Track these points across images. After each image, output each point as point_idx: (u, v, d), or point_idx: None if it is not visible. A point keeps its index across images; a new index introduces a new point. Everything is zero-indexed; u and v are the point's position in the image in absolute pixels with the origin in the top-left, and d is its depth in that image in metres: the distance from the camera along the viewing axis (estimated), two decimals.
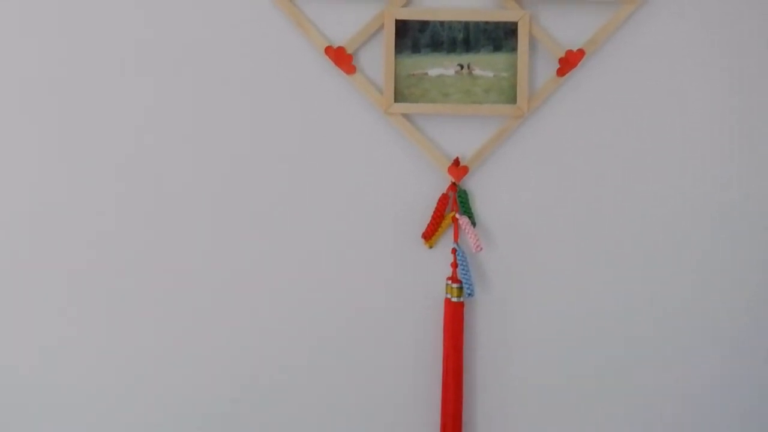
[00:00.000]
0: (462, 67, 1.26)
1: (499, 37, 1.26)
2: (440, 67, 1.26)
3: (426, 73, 1.26)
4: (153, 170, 1.27)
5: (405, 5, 1.26)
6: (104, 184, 1.26)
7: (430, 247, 1.29)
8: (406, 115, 1.27)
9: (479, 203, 1.30)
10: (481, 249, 1.25)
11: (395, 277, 1.30)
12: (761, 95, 1.30)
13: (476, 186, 1.30)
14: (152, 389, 1.29)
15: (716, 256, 1.32)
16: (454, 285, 1.28)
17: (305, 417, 1.30)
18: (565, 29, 1.28)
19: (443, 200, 1.28)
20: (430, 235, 1.28)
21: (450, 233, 1.29)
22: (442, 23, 1.26)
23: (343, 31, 1.26)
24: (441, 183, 1.28)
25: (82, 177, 1.26)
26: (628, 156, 1.30)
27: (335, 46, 1.25)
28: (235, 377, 1.30)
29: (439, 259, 1.29)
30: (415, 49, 1.26)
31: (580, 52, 1.27)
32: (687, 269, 1.32)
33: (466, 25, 1.26)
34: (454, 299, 1.28)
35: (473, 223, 1.28)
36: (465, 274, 1.27)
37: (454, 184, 1.28)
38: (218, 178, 1.27)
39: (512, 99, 1.26)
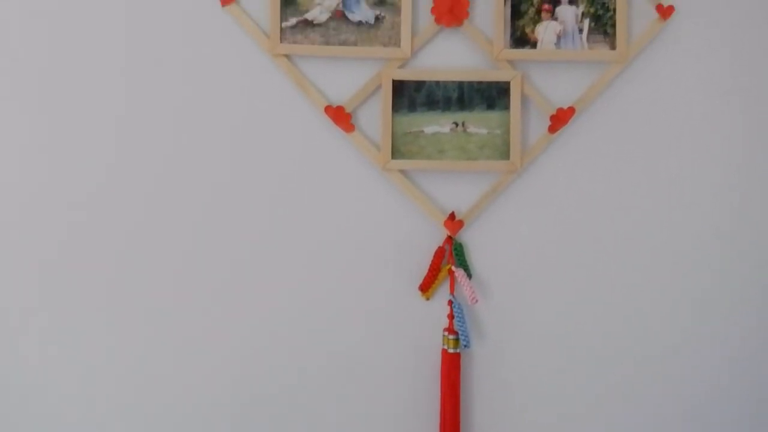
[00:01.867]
0: (457, 124, 1.31)
1: (492, 95, 1.31)
2: (436, 124, 1.31)
3: (422, 131, 1.31)
4: (162, 231, 1.30)
5: (402, 66, 1.31)
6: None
7: (427, 299, 1.32)
8: (403, 171, 1.31)
9: (474, 256, 1.33)
10: (477, 301, 1.28)
11: (393, 329, 1.33)
12: (746, 148, 1.35)
13: (471, 239, 1.33)
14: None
15: (710, 312, 1.36)
16: (451, 336, 1.30)
17: None
18: (556, 88, 1.33)
19: (439, 253, 1.32)
20: (427, 287, 1.32)
21: (446, 285, 1.33)
22: (437, 83, 1.31)
23: (341, 90, 1.31)
24: (437, 236, 1.32)
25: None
26: (618, 209, 1.35)
27: (334, 105, 1.30)
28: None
29: (436, 310, 1.32)
30: (412, 107, 1.30)
31: (571, 110, 1.32)
32: (682, 318, 1.36)
33: (461, 85, 1.31)
34: (451, 350, 1.30)
35: (469, 276, 1.32)
36: (461, 326, 1.30)
37: (450, 237, 1.32)
38: (222, 232, 1.31)
39: (506, 155, 1.31)
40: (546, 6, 1.31)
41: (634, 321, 1.35)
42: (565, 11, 1.31)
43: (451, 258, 1.32)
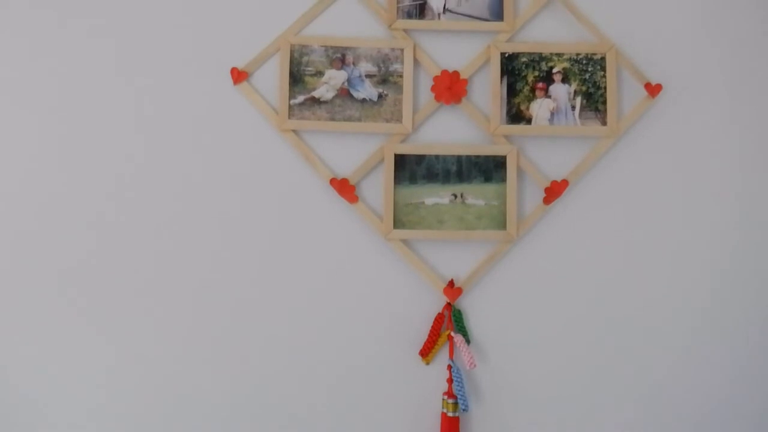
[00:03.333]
0: (456, 196, 1.37)
1: (489, 169, 1.37)
2: (436, 196, 1.37)
3: (423, 202, 1.37)
4: (171, 293, 1.36)
5: (403, 141, 1.38)
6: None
7: (427, 364, 1.37)
8: (404, 240, 1.37)
9: (473, 322, 1.38)
10: (475, 366, 1.33)
11: (393, 392, 1.37)
12: (733, 217, 1.41)
13: (470, 306, 1.38)
14: None
15: (705, 380, 1.40)
16: (450, 400, 1.35)
17: None
18: (550, 162, 1.39)
19: (439, 319, 1.37)
20: (427, 352, 1.36)
21: (446, 350, 1.37)
22: (437, 157, 1.37)
23: (346, 163, 1.38)
24: (437, 303, 1.37)
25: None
26: (610, 278, 1.40)
27: (339, 177, 1.37)
28: None
29: (436, 374, 1.37)
30: (413, 180, 1.37)
31: (564, 183, 1.38)
32: (677, 383, 1.39)
33: (459, 159, 1.37)
34: (450, 414, 1.35)
35: (467, 341, 1.37)
36: (460, 390, 1.34)
37: (449, 304, 1.37)
38: (234, 299, 1.36)
39: (502, 225, 1.37)
40: (540, 84, 1.38)
41: (629, 384, 1.39)
42: (558, 89, 1.39)
43: (450, 324, 1.37)
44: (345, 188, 1.36)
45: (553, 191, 1.38)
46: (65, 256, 1.35)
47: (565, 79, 1.39)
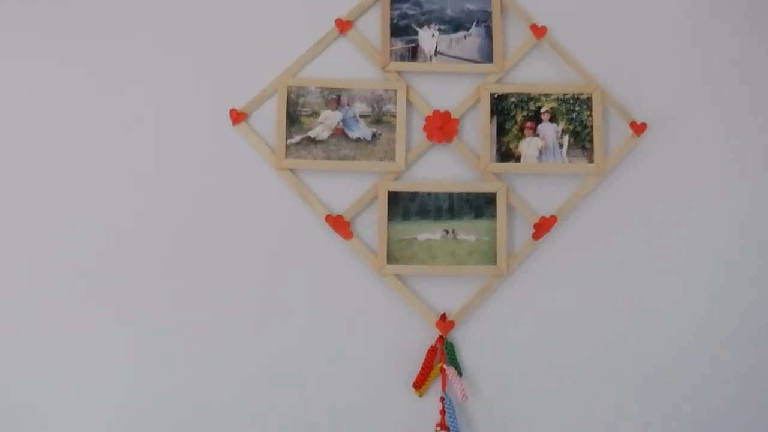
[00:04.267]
0: (447, 232, 1.41)
1: (480, 205, 1.42)
2: (428, 232, 1.41)
3: (415, 238, 1.41)
4: (171, 335, 1.40)
5: (396, 178, 1.42)
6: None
7: (420, 396, 1.40)
8: (398, 275, 1.41)
9: (465, 355, 1.42)
10: (467, 398, 1.36)
11: (387, 424, 1.40)
12: (717, 253, 1.44)
13: (462, 339, 1.42)
14: None
15: (700, 416, 1.42)
16: None
17: None
18: (539, 198, 1.44)
19: (432, 352, 1.40)
20: (420, 384, 1.40)
21: (438, 383, 1.40)
22: (429, 194, 1.42)
23: (341, 200, 1.42)
24: (430, 336, 1.41)
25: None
26: (600, 311, 1.43)
27: (335, 214, 1.41)
28: None
29: (429, 406, 1.40)
30: (406, 216, 1.41)
31: (553, 218, 1.42)
32: (669, 409, 1.42)
33: (451, 196, 1.42)
34: None
35: (460, 373, 1.40)
36: (452, 422, 1.37)
37: (441, 337, 1.41)
38: (231, 332, 1.40)
39: (493, 260, 1.41)
40: (529, 124, 1.43)
41: (621, 415, 1.42)
42: (546, 128, 1.43)
43: (442, 357, 1.40)
44: (340, 225, 1.40)
45: (542, 227, 1.42)
46: (69, 296, 1.39)
47: (553, 119, 1.43)
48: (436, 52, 1.44)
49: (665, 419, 1.42)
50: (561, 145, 1.43)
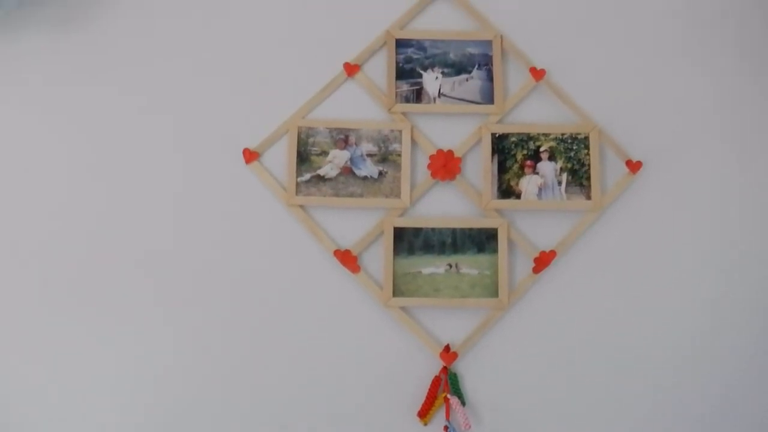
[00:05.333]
0: (451, 266, 1.47)
1: (482, 240, 1.48)
2: (432, 266, 1.47)
3: (420, 272, 1.47)
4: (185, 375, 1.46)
5: (402, 215, 1.48)
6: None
7: (425, 425, 1.45)
8: (403, 308, 1.46)
9: (468, 385, 1.47)
10: (470, 427, 1.41)
11: None
12: (711, 284, 1.49)
13: (465, 369, 1.47)
14: None
15: None
16: None
17: None
18: (539, 233, 1.49)
19: (436, 382, 1.45)
20: (424, 413, 1.44)
21: (442, 412, 1.45)
22: (433, 229, 1.48)
23: (349, 236, 1.48)
24: (434, 366, 1.46)
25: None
26: (599, 342, 1.48)
27: (342, 248, 1.47)
28: None
29: None
30: (411, 251, 1.47)
31: (552, 253, 1.48)
32: None
33: (454, 231, 1.48)
34: None
35: (463, 403, 1.44)
36: None
37: (445, 367, 1.46)
38: (241, 360, 1.46)
39: (495, 293, 1.46)
40: (528, 162, 1.49)
41: None
42: (546, 166, 1.49)
43: (446, 386, 1.45)
44: (347, 259, 1.46)
45: (542, 261, 1.47)
46: (91, 320, 1.46)
47: (552, 157, 1.49)
48: (440, 94, 1.51)
49: None
50: (560, 183, 1.49)
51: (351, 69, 1.51)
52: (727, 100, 1.54)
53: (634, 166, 1.50)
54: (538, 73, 1.52)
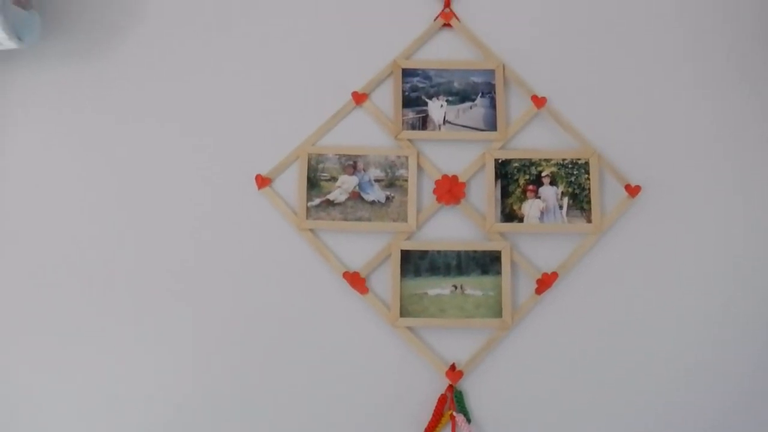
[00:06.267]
0: (456, 287, 1.52)
1: (486, 262, 1.53)
2: (438, 287, 1.52)
3: (426, 293, 1.52)
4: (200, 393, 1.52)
5: (408, 238, 1.54)
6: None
7: None
8: (410, 328, 1.51)
9: (473, 402, 1.51)
10: None
11: None
12: (713, 310, 1.54)
13: (470, 387, 1.51)
14: None
15: None
16: None
17: None
18: (541, 256, 1.54)
19: (442, 400, 1.50)
20: (431, 430, 1.49)
21: (448, 429, 1.49)
22: (438, 252, 1.53)
23: (357, 258, 1.53)
24: (440, 385, 1.51)
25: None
26: (600, 361, 1.52)
27: (351, 271, 1.52)
28: None
29: None
30: (417, 273, 1.52)
31: (554, 275, 1.53)
32: None
33: (459, 254, 1.53)
34: None
35: (468, 420, 1.49)
36: None
37: (451, 386, 1.50)
38: (252, 378, 1.51)
39: (499, 314, 1.51)
40: (530, 187, 1.55)
41: None
42: (547, 191, 1.55)
43: (452, 404, 1.49)
44: (356, 281, 1.52)
45: (544, 282, 1.52)
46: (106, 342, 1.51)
47: (553, 182, 1.55)
48: (445, 121, 1.57)
49: None
50: (561, 207, 1.54)
51: (359, 98, 1.57)
52: (724, 124, 1.59)
53: (633, 190, 1.55)
54: (539, 101, 1.57)
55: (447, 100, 1.57)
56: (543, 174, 1.55)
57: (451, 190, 1.53)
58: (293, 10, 1.61)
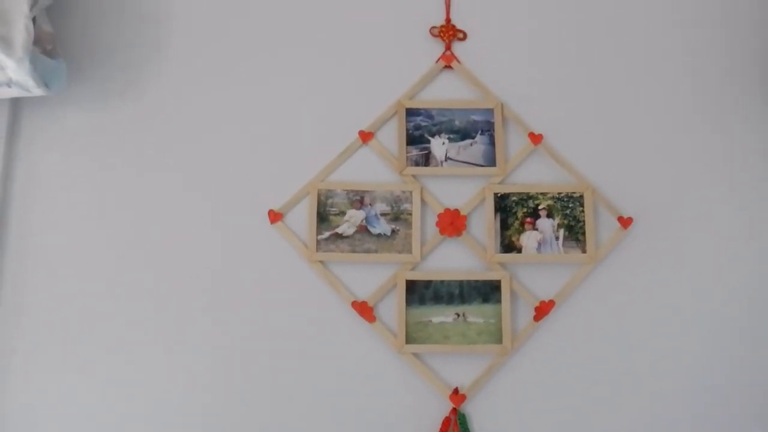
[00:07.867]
0: (458, 315, 1.60)
1: (487, 291, 1.61)
2: (441, 315, 1.60)
3: (430, 321, 1.60)
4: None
5: (413, 269, 1.62)
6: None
7: None
8: (415, 354, 1.59)
9: (476, 425, 1.58)
10: None
11: None
12: (705, 337, 1.60)
13: (473, 410, 1.58)
14: None
15: None
16: None
17: None
18: (539, 285, 1.62)
19: (446, 423, 1.57)
20: None
21: None
22: (442, 282, 1.61)
23: (365, 288, 1.61)
24: (444, 408, 1.57)
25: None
26: (596, 385, 1.59)
27: (359, 300, 1.60)
28: None
29: None
30: (422, 301, 1.60)
31: (551, 303, 1.60)
32: None
33: (461, 283, 1.60)
34: None
35: None
36: None
37: (454, 409, 1.57)
38: (267, 403, 1.58)
39: (499, 340, 1.58)
40: (528, 219, 1.63)
41: None
42: (544, 223, 1.63)
43: (456, 427, 1.56)
44: (364, 309, 1.59)
45: (542, 310, 1.60)
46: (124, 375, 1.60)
47: (550, 215, 1.63)
48: (446, 158, 1.65)
49: None
50: (557, 238, 1.62)
51: (365, 136, 1.66)
52: (711, 159, 1.67)
53: (625, 222, 1.63)
54: (536, 138, 1.66)
55: (449, 138, 1.66)
56: (540, 207, 1.63)
57: (453, 223, 1.62)
58: (303, 57, 1.70)
